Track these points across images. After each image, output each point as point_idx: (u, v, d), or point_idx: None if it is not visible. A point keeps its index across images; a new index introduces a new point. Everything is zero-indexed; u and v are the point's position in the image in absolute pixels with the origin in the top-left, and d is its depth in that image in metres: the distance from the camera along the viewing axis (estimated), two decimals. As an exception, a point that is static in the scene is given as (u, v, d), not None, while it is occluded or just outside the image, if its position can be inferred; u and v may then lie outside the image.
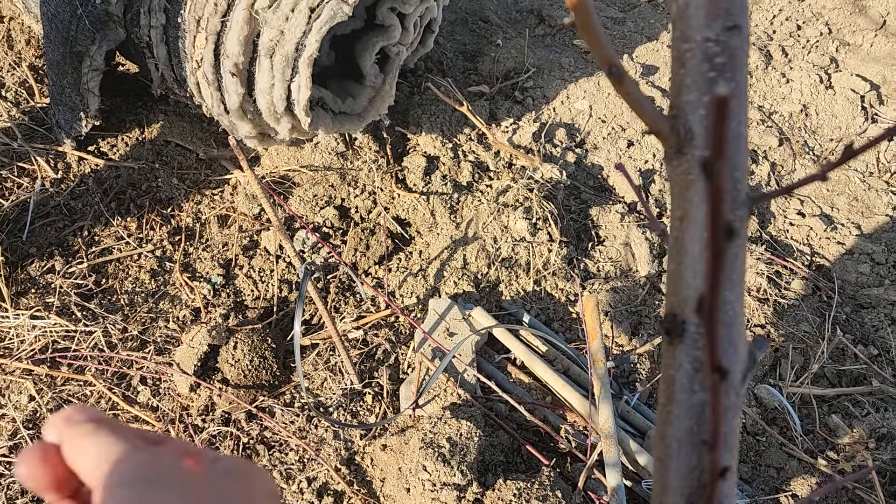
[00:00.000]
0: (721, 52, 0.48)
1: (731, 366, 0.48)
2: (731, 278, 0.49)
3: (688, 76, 0.49)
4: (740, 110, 0.49)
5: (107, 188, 2.17)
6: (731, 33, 0.48)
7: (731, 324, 0.49)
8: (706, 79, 0.49)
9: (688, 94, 0.50)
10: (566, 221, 2.26)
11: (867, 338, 2.07)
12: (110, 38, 1.97)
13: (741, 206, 0.49)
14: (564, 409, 1.84)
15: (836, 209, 2.46)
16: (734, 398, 0.49)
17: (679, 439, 0.48)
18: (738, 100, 0.49)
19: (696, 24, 0.48)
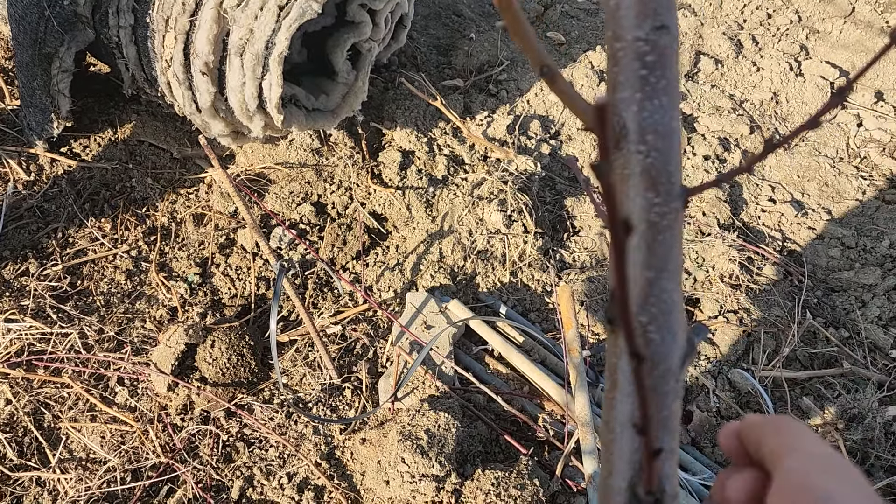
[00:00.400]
0: (651, 50, 0.50)
1: (668, 353, 0.50)
2: (668, 268, 0.51)
3: (621, 74, 0.51)
4: (672, 106, 0.51)
5: (80, 189, 2.16)
6: (659, 33, 0.50)
7: (668, 311, 0.51)
8: (638, 76, 0.50)
9: (622, 92, 0.51)
10: (541, 213, 2.28)
11: (838, 320, 2.11)
12: (79, 39, 1.96)
13: (675, 199, 0.51)
14: (542, 398, 1.86)
15: (807, 195, 2.50)
16: (673, 383, 0.51)
17: (622, 424, 0.50)
18: (670, 97, 0.51)
19: (626, 24, 0.50)
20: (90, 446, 1.72)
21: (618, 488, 0.50)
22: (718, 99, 2.80)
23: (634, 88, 0.51)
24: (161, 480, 1.69)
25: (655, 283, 0.50)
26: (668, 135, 0.51)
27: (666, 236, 0.51)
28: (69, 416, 1.76)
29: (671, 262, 0.51)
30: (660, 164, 0.51)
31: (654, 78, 0.50)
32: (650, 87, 0.50)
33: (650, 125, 0.50)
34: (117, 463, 1.70)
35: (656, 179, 0.51)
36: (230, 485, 1.71)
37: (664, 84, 0.50)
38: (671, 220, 0.51)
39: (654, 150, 0.51)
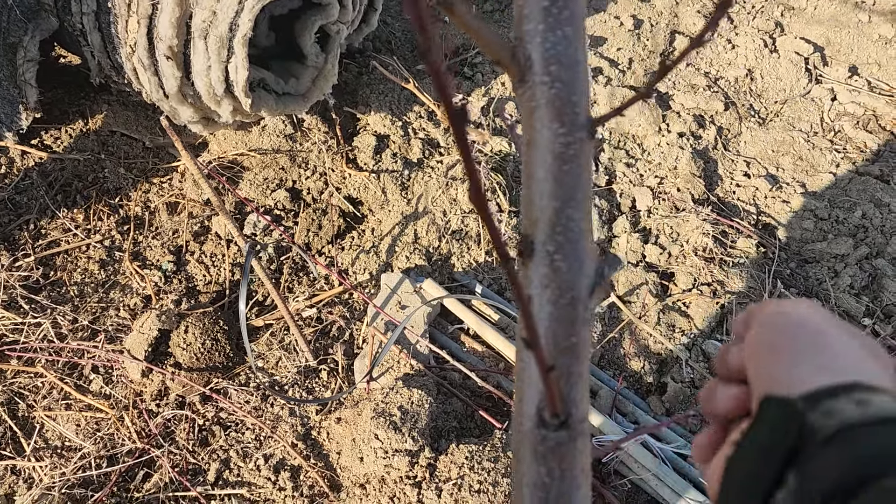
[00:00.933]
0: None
1: (575, 280, 0.51)
2: (575, 197, 0.51)
3: (526, 6, 0.51)
4: (577, 38, 0.52)
5: (52, 181, 2.16)
6: (560, -37, 0.50)
7: (575, 240, 0.51)
8: (541, 7, 0.51)
9: (527, 24, 0.52)
10: (516, 192, 2.28)
11: (811, 290, 2.12)
12: (43, 27, 1.95)
13: (580, 129, 0.51)
14: (516, 374, 1.87)
15: (782, 169, 2.51)
16: (582, 311, 0.51)
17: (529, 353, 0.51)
18: (574, 28, 0.51)
19: (527, -45, 0.50)
20: (65, 434, 1.72)
21: (527, 413, 0.50)
22: (693, 77, 2.81)
23: (538, 20, 0.51)
24: (137, 465, 1.70)
25: (561, 211, 0.51)
26: (573, 65, 0.51)
27: (572, 166, 0.51)
28: (43, 404, 1.76)
29: (579, 191, 0.52)
30: (564, 94, 0.51)
31: (557, 9, 0.51)
32: (553, 19, 0.51)
33: (553, 56, 0.51)
34: (93, 449, 1.70)
35: (561, 110, 0.51)
36: (207, 468, 1.71)
37: (567, 15, 0.51)
38: (576, 149, 0.51)
39: (557, 80, 0.51)
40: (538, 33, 0.51)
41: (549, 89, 0.51)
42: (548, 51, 0.51)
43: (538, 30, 0.51)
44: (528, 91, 0.52)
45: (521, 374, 0.51)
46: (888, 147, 2.62)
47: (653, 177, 2.42)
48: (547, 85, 0.51)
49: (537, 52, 0.51)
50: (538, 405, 0.50)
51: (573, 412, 0.49)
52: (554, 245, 0.51)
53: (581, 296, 0.51)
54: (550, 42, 0.51)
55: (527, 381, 0.51)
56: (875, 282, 2.12)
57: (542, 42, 0.51)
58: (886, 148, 2.62)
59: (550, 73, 0.51)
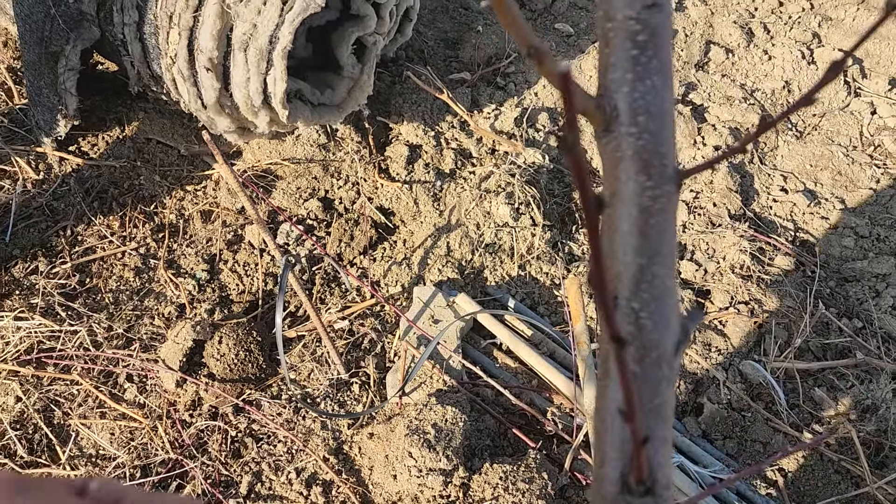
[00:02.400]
0: (642, 29, 0.48)
1: (661, 339, 0.49)
2: (661, 252, 0.50)
3: (612, 55, 0.50)
4: (665, 87, 0.50)
5: (89, 187, 2.17)
6: (651, 11, 0.48)
7: (660, 297, 0.49)
8: (629, 56, 0.49)
9: (613, 73, 0.50)
10: (549, 205, 2.26)
11: (851, 311, 2.08)
12: (85, 37, 1.96)
13: (668, 182, 0.49)
14: (550, 391, 1.85)
15: (820, 184, 2.47)
16: (667, 370, 0.49)
17: (612, 412, 0.49)
18: (662, 77, 0.50)
19: (617, 3, 0.49)
20: (100, 443, 1.73)
21: (609, 478, 0.49)
22: (729, 88, 2.77)
23: (625, 69, 0.49)
24: (170, 476, 1.70)
25: (647, 268, 0.49)
26: (661, 116, 0.50)
27: (658, 220, 0.50)
28: (79, 412, 1.77)
29: (664, 246, 0.50)
30: (652, 146, 0.49)
31: (646, 58, 0.49)
32: (641, 68, 0.49)
33: (642, 106, 0.49)
34: (127, 459, 1.71)
35: (648, 162, 0.49)
36: (239, 480, 1.71)
37: (656, 64, 0.49)
38: (664, 203, 0.50)
39: (645, 131, 0.49)
40: (626, 82, 0.49)
41: (636, 140, 0.50)
42: (636, 101, 0.49)
43: (626, 79, 0.49)
44: (612, 141, 0.51)
45: (603, 436, 0.50)
46: (930, 163, 2.56)
47: (688, 191, 2.39)
48: (634, 136, 0.50)
49: (624, 102, 0.50)
50: (622, 470, 0.48)
51: (658, 478, 0.48)
52: (639, 302, 0.49)
53: (666, 354, 0.49)
54: (639, 92, 0.49)
55: (609, 443, 0.49)
56: (918, 303, 2.07)
57: (629, 92, 0.49)
58: (928, 164, 2.56)
59: (638, 123, 0.49)
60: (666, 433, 0.49)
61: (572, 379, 1.80)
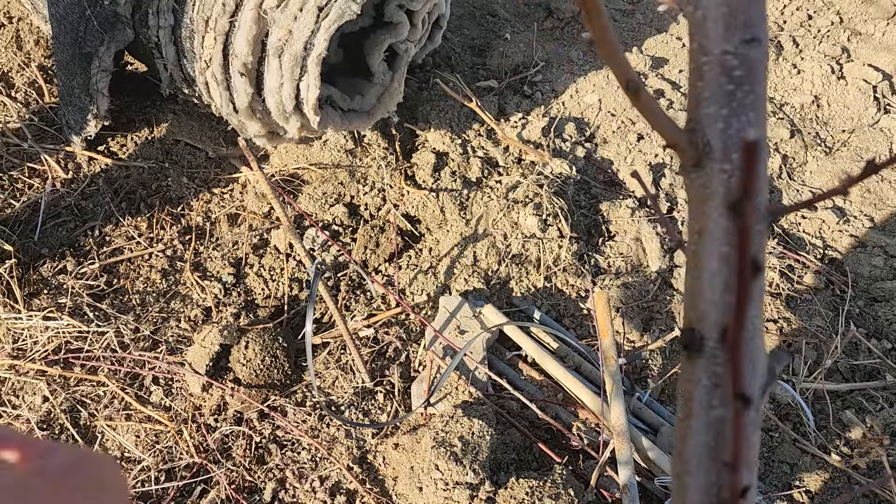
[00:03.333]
0: (740, 64, 0.47)
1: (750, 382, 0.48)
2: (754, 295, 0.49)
3: (706, 89, 0.49)
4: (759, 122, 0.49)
5: (117, 188, 2.17)
6: (749, 46, 0.47)
7: (751, 338, 0.48)
8: (724, 91, 0.48)
9: (706, 108, 0.49)
10: (576, 217, 2.25)
11: (881, 332, 2.05)
12: (119, 38, 1.97)
13: (761, 221, 0.48)
14: (576, 406, 1.84)
15: (849, 201, 2.44)
16: (754, 414, 0.48)
17: (698, 456, 0.48)
18: (757, 112, 0.48)
19: (714, 37, 0.48)
20: (125, 445, 1.73)
21: (697, 525, 0.47)
22: (757, 102, 2.75)
23: (720, 104, 0.48)
24: (195, 481, 1.70)
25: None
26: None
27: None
28: (105, 414, 1.77)
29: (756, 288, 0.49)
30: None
31: (742, 93, 0.48)
32: (737, 103, 0.48)
33: (737, 143, 0.48)
34: (151, 462, 1.71)
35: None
36: (263, 487, 1.71)
37: (752, 99, 0.48)
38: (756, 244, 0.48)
39: (738, 169, 0.48)
40: (720, 118, 0.48)
41: (728, 178, 0.48)
42: (731, 137, 0.48)
43: (720, 114, 0.48)
44: (703, 177, 0.50)
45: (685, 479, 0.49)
46: (961, 183, 2.53)
47: (716, 205, 2.36)
48: (727, 174, 0.48)
49: (718, 139, 0.49)
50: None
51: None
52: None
53: (755, 398, 0.48)
54: (734, 128, 0.48)
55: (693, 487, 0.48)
56: (949, 326, 2.04)
57: (724, 128, 0.48)
58: (959, 184, 2.53)
59: (732, 160, 0.48)
60: (755, 480, 0.48)
61: (598, 394, 1.78)
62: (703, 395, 0.49)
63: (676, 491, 0.50)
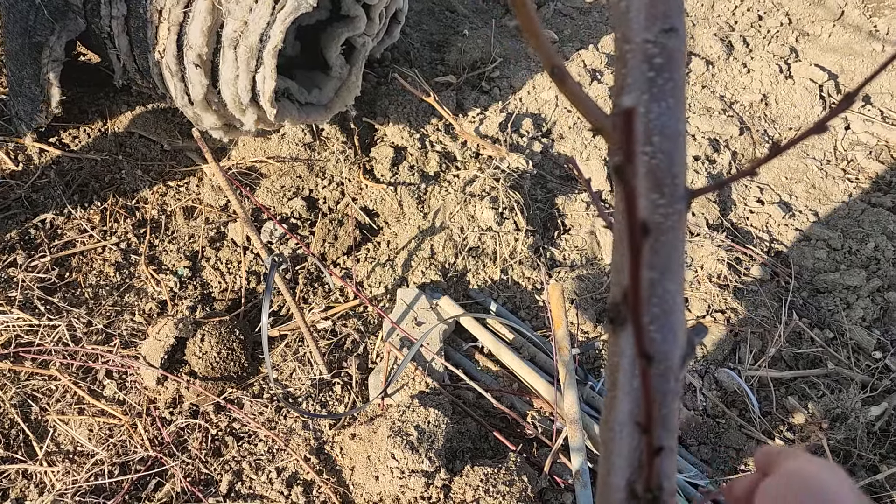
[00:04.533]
0: (659, 52, 0.50)
1: (669, 352, 0.51)
2: (671, 268, 0.51)
3: (629, 76, 0.51)
4: (679, 108, 0.52)
5: (69, 180, 2.14)
6: (668, 35, 0.50)
7: (670, 311, 0.51)
8: (646, 78, 0.51)
9: (629, 93, 0.52)
10: (532, 210, 2.28)
11: (823, 321, 2.13)
12: (70, 28, 1.94)
13: (679, 201, 0.51)
14: (531, 395, 1.87)
15: (795, 196, 2.53)
16: (673, 383, 0.51)
17: (621, 422, 0.51)
18: (676, 98, 0.51)
19: (636, 27, 0.50)
20: (78, 439, 1.71)
21: (617, 486, 0.50)
22: (709, 100, 2.82)
23: (642, 90, 0.51)
24: (149, 474, 1.69)
25: (658, 283, 0.51)
26: (674, 137, 0.51)
27: (669, 237, 0.52)
28: (56, 408, 1.75)
29: (674, 262, 0.52)
30: (665, 165, 0.51)
31: (662, 80, 0.51)
32: (657, 89, 0.51)
33: (656, 127, 0.51)
34: (105, 456, 1.69)
35: (661, 181, 0.51)
36: (219, 479, 1.71)
37: (671, 86, 0.51)
38: (675, 221, 0.51)
39: (659, 151, 0.51)
40: (641, 103, 0.51)
41: (649, 160, 0.51)
42: (651, 122, 0.51)
43: (642, 99, 0.51)
44: (626, 159, 0.52)
45: (612, 446, 0.51)
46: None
47: (668, 200, 2.42)
48: (648, 155, 0.51)
49: (640, 123, 0.51)
50: (629, 478, 0.50)
51: (665, 486, 0.49)
52: (649, 316, 0.51)
53: (674, 367, 0.51)
54: (654, 113, 0.51)
55: (617, 452, 0.51)
56: (886, 315, 2.13)
57: (645, 112, 0.51)
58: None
59: (652, 143, 0.51)
60: (672, 444, 0.51)
61: (552, 383, 1.82)
62: (626, 365, 0.52)
63: (603, 456, 0.52)
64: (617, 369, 0.53)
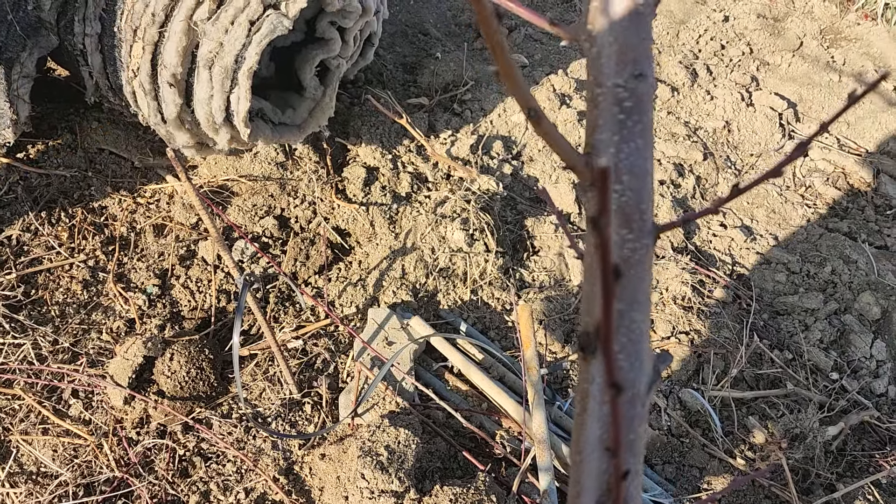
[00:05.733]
0: (629, 96, 0.54)
1: (636, 379, 0.54)
2: (638, 300, 0.54)
3: (600, 117, 0.55)
4: (647, 148, 0.55)
5: (37, 196, 2.12)
6: (637, 80, 0.53)
7: (637, 340, 0.54)
8: (616, 120, 0.54)
9: (600, 133, 0.55)
10: (502, 232, 2.32)
11: (783, 343, 2.19)
12: (42, 45, 1.93)
13: (647, 236, 0.54)
14: (500, 415, 1.90)
15: (756, 221, 2.60)
16: (640, 408, 0.54)
17: (591, 445, 0.54)
18: (645, 140, 0.55)
19: (607, 72, 0.54)
20: (41, 459, 1.69)
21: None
22: (674, 125, 2.90)
23: (612, 131, 0.54)
24: (115, 496, 1.67)
25: (626, 314, 0.54)
26: (643, 175, 0.55)
27: (637, 270, 0.55)
28: (20, 428, 1.72)
29: (641, 294, 0.55)
30: (633, 202, 0.54)
31: (632, 122, 0.54)
32: (627, 131, 0.54)
33: (626, 166, 0.54)
34: (69, 477, 1.67)
35: (630, 217, 0.54)
36: (186, 500, 1.69)
37: (640, 128, 0.54)
38: (642, 255, 0.54)
39: (628, 189, 0.54)
40: (612, 143, 0.54)
41: (619, 197, 0.54)
42: (621, 161, 0.54)
43: (612, 140, 0.54)
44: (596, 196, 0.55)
45: (581, 468, 0.54)
46: (855, 205, 2.74)
47: (634, 223, 2.48)
48: (618, 193, 0.54)
49: (610, 162, 0.55)
50: (598, 499, 0.52)
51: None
52: (618, 346, 0.54)
53: (640, 393, 0.54)
54: (624, 153, 0.54)
55: (586, 474, 0.53)
56: (843, 337, 2.21)
57: (615, 152, 0.54)
58: (854, 206, 2.73)
59: (622, 181, 0.54)
60: (638, 467, 0.53)
61: (521, 403, 1.85)
62: (596, 392, 0.55)
63: (573, 478, 0.55)
64: (587, 395, 0.55)
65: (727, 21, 3.46)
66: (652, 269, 0.56)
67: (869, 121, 3.04)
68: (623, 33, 0.53)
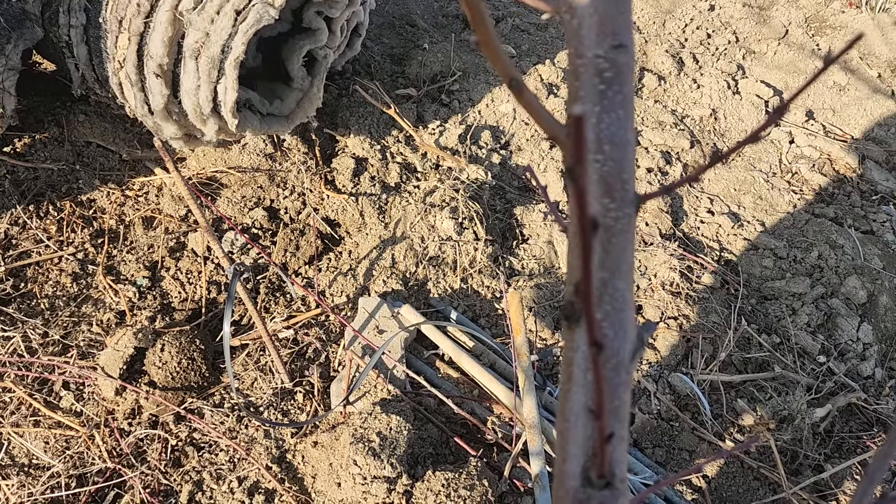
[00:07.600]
0: (609, 67, 0.54)
1: (620, 347, 0.54)
2: (621, 268, 0.55)
3: (581, 88, 0.55)
4: (627, 118, 0.56)
5: (24, 190, 2.11)
6: (617, 51, 0.54)
7: (621, 308, 0.55)
8: (597, 90, 0.55)
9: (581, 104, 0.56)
10: (491, 221, 2.33)
11: (770, 327, 2.21)
12: (27, 37, 1.92)
13: (629, 205, 0.55)
14: (491, 401, 1.91)
15: (743, 207, 2.62)
16: (624, 375, 0.55)
17: (576, 413, 0.54)
18: (625, 110, 0.55)
19: (588, 43, 0.54)
20: (33, 451, 1.69)
21: (572, 473, 0.54)
22: (661, 114, 2.91)
23: (593, 102, 0.55)
24: (107, 486, 1.67)
25: (609, 282, 0.55)
26: (623, 145, 0.55)
27: (619, 239, 0.55)
28: (11, 420, 1.72)
29: (624, 263, 0.56)
30: (615, 172, 0.55)
31: (612, 92, 0.55)
32: (608, 101, 0.55)
33: (607, 136, 0.55)
34: (62, 468, 1.67)
35: (612, 186, 0.55)
36: (179, 490, 1.70)
37: (620, 98, 0.55)
38: (624, 224, 0.55)
39: (610, 159, 0.55)
40: (593, 114, 0.55)
41: (601, 167, 0.55)
42: (602, 131, 0.55)
43: (593, 111, 0.55)
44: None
45: (567, 435, 0.55)
46: (841, 190, 2.76)
47: (623, 210, 2.50)
48: (599, 163, 0.55)
49: (591, 132, 0.55)
50: (583, 465, 0.53)
51: (616, 472, 0.53)
52: (601, 314, 0.54)
53: (624, 360, 0.55)
54: (605, 123, 0.55)
55: (573, 441, 0.54)
56: (830, 321, 2.23)
57: (596, 122, 0.55)
58: (840, 191, 2.76)
59: (603, 151, 0.55)
60: (623, 433, 0.54)
61: (512, 389, 1.86)
62: (580, 360, 0.56)
63: (559, 445, 0.56)
64: (571, 363, 0.56)
65: (713, 10, 3.48)
66: (634, 238, 0.57)
67: (854, 107, 3.07)
68: (603, 4, 0.54)
